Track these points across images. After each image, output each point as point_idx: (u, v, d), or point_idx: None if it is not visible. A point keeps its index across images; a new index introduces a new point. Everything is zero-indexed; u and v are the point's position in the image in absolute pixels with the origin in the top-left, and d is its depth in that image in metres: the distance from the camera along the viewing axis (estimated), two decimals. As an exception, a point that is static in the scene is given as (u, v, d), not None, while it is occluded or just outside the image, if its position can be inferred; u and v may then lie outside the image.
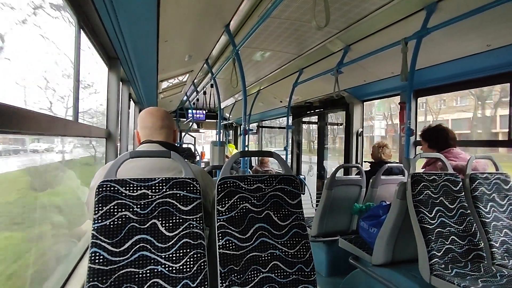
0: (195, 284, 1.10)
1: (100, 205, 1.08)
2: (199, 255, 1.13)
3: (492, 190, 2.02)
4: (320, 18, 1.56)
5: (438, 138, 2.25)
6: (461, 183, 1.94)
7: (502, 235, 1.91)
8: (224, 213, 1.24)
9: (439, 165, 2.13)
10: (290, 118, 5.05)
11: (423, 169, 2.26)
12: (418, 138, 2.83)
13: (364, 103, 3.97)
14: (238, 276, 1.19)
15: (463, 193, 1.92)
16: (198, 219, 1.17)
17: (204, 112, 7.65)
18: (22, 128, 0.85)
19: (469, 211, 1.90)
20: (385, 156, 3.13)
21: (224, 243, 1.20)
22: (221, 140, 4.39)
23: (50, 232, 1.58)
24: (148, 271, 1.07)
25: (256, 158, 6.74)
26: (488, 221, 1.92)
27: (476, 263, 1.77)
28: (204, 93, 5.54)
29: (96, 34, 1.82)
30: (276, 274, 1.26)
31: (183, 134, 7.64)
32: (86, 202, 1.35)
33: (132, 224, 1.10)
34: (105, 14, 1.51)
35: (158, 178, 1.17)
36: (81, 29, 1.55)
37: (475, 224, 1.87)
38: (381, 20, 2.25)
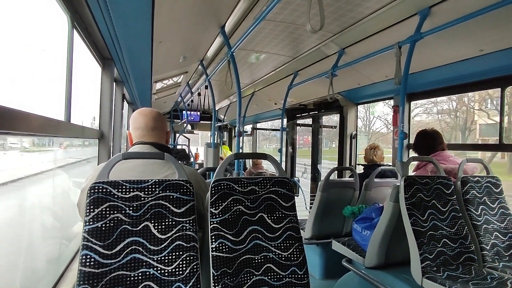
0: (187, 287, 1.09)
1: (92, 207, 1.06)
2: (192, 257, 1.12)
3: (483, 194, 2.04)
4: (314, 21, 1.57)
5: (425, 144, 2.27)
6: (453, 186, 1.96)
7: (492, 238, 1.94)
8: (217, 216, 1.23)
9: (429, 168, 2.14)
10: (285, 120, 5.06)
11: (414, 173, 2.28)
12: (411, 142, 2.86)
13: None
14: (231, 279, 1.18)
15: (455, 196, 1.94)
16: (191, 221, 1.16)
17: (198, 113, 7.62)
18: (13, 129, 0.83)
19: (460, 214, 1.92)
20: (377, 158, 3.15)
21: (217, 245, 1.20)
22: (215, 141, 4.38)
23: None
24: (140, 274, 1.06)
25: (250, 160, 6.73)
26: (479, 224, 1.94)
27: (467, 266, 1.79)
28: (199, 94, 5.52)
29: (89, 34, 1.80)
30: (269, 277, 1.25)
31: (177, 135, 7.60)
32: (77, 203, 1.34)
33: (124, 226, 1.08)
34: (99, 14, 1.49)
35: (151, 180, 1.16)
36: (74, 29, 1.54)
37: (466, 227, 1.89)
38: (375, 24, 2.27)
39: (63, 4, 1.38)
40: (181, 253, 1.12)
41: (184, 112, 7.06)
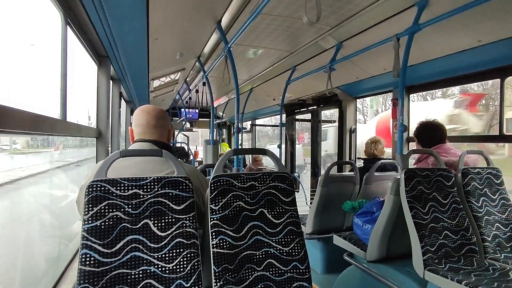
0: (188, 284, 1.08)
1: (90, 205, 1.05)
2: (192, 254, 1.12)
3: (484, 185, 2.03)
4: (311, 15, 1.55)
5: (427, 136, 2.26)
6: (453, 178, 1.95)
7: (494, 229, 1.93)
8: (217, 212, 1.22)
9: (430, 161, 2.14)
10: (284, 116, 5.05)
11: (415, 166, 2.27)
12: (411, 135, 2.85)
13: None
14: (233, 275, 1.18)
15: (455, 188, 1.93)
16: (191, 218, 1.15)
17: (197, 111, 7.61)
18: (5, 127, 0.82)
19: (461, 206, 1.91)
20: (377, 152, 3.14)
21: (218, 242, 1.19)
22: (214, 139, 4.37)
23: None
24: (140, 272, 1.05)
25: (250, 156, 6.72)
26: (480, 216, 1.94)
27: (469, 258, 1.78)
28: (197, 91, 5.49)
29: (84, 31, 1.78)
30: (271, 272, 1.24)
31: (176, 133, 7.58)
32: (77, 200, 1.33)
33: (124, 224, 1.07)
34: (93, 10, 1.47)
35: (150, 177, 1.14)
36: (68, 25, 1.51)
37: (467, 219, 1.88)
38: (373, 17, 2.25)
39: (56, 0, 1.36)
40: (181, 250, 1.11)
41: (182, 109, 7.04)
